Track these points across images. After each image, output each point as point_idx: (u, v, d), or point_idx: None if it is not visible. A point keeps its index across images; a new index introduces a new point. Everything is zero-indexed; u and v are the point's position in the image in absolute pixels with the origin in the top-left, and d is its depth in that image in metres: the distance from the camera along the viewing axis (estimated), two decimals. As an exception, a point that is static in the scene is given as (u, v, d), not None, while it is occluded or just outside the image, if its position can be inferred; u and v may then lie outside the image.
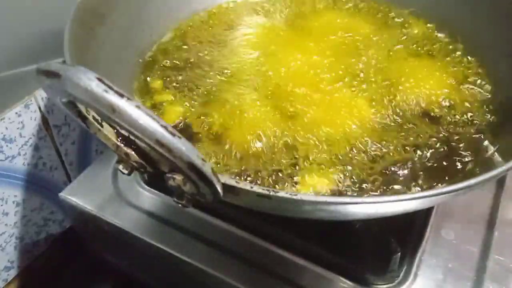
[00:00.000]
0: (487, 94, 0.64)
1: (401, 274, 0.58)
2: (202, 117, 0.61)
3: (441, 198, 0.45)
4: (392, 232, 0.58)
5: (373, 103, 0.63)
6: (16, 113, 0.71)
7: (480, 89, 0.65)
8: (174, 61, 0.71)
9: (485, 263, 0.59)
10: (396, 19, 0.78)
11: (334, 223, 0.51)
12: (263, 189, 0.39)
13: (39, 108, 0.74)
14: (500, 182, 0.69)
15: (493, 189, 0.68)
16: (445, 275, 0.58)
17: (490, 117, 0.61)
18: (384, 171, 0.54)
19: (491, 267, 0.59)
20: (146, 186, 0.70)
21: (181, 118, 0.62)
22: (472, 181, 0.41)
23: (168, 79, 0.68)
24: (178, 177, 0.37)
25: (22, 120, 0.72)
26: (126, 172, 0.41)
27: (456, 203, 0.65)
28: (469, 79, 0.66)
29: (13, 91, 0.70)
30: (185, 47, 0.74)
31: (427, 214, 0.64)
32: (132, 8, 0.70)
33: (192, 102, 0.64)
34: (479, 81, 0.66)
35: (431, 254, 0.60)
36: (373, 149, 0.57)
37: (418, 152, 0.56)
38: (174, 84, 0.67)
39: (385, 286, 0.57)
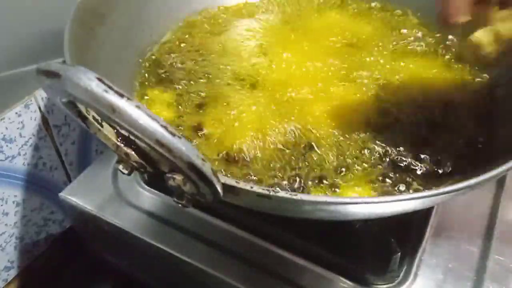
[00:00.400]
0: (487, 93, 0.64)
1: (401, 274, 0.58)
2: (200, 120, 0.62)
3: (440, 198, 0.45)
4: (392, 232, 0.58)
5: (377, 102, 0.63)
6: (16, 113, 0.71)
7: (480, 89, 0.65)
8: (174, 61, 0.71)
9: (485, 263, 0.59)
10: (397, 19, 0.78)
11: (334, 223, 0.51)
12: (263, 189, 0.39)
13: (39, 108, 0.74)
14: (500, 182, 0.68)
15: (493, 189, 0.68)
16: (445, 275, 0.58)
17: (489, 115, 0.61)
18: (399, 171, 0.55)
19: (491, 267, 0.59)
20: (146, 186, 0.70)
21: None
22: (472, 181, 0.41)
23: (167, 79, 0.68)
24: (178, 177, 0.37)
25: (22, 120, 0.72)
26: (126, 172, 0.41)
27: (456, 203, 0.65)
28: (468, 77, 0.67)
29: (13, 91, 0.70)
30: (185, 47, 0.74)
31: (427, 214, 0.64)
32: (132, 8, 0.70)
33: (190, 104, 0.64)
34: (478, 79, 0.66)
35: (431, 254, 0.60)
36: (382, 150, 0.57)
37: (425, 151, 0.57)
38: (173, 84, 0.67)
39: (385, 286, 0.57)
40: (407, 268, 0.59)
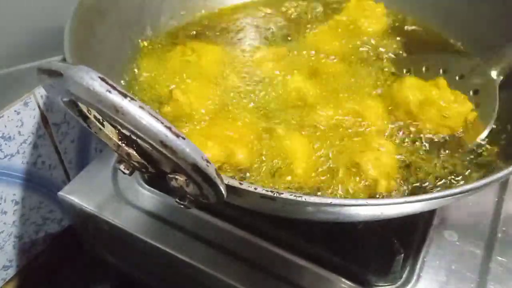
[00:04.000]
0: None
1: (404, 276, 0.58)
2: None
3: (444, 201, 0.44)
4: (395, 233, 0.58)
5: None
6: (15, 110, 0.70)
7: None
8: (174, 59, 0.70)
9: (488, 264, 0.59)
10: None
11: (337, 224, 0.51)
12: (267, 191, 0.38)
13: (38, 105, 0.74)
14: (503, 183, 0.68)
15: (496, 191, 0.68)
16: (448, 277, 0.58)
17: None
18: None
19: (494, 269, 0.58)
20: (146, 186, 0.69)
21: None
22: (477, 183, 0.41)
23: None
24: (181, 178, 0.36)
25: (21, 118, 0.71)
26: (127, 172, 0.41)
27: (459, 205, 0.65)
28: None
29: (12, 88, 0.70)
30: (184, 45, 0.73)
31: (430, 215, 0.64)
32: (132, 6, 0.69)
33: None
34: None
35: (434, 256, 0.60)
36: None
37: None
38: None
39: (387, 287, 0.57)
40: (410, 269, 0.59)
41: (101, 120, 0.39)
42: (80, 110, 0.37)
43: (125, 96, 0.30)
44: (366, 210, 0.42)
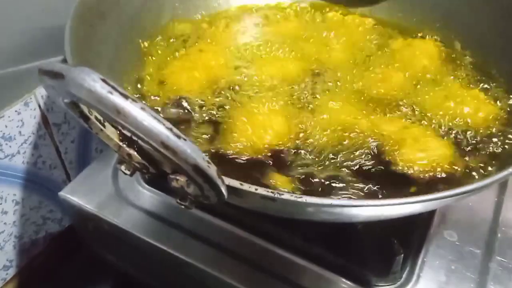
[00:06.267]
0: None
1: (404, 276, 0.58)
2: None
3: (445, 201, 0.44)
4: (395, 233, 0.58)
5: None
6: (16, 111, 0.70)
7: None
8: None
9: (488, 264, 0.59)
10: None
11: (337, 224, 0.51)
12: (268, 191, 0.38)
13: (39, 106, 0.74)
14: (503, 183, 0.69)
15: (496, 191, 0.68)
16: (448, 277, 0.58)
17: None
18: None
19: (494, 269, 0.58)
20: (146, 186, 0.69)
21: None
22: (477, 184, 0.41)
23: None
24: (182, 179, 0.36)
25: (22, 118, 0.71)
26: (128, 173, 0.41)
27: (459, 204, 0.65)
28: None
29: (12, 88, 0.70)
30: (185, 44, 0.74)
31: (430, 215, 0.64)
32: (133, 5, 0.69)
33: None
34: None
35: (434, 256, 0.60)
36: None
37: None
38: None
39: (387, 287, 0.57)
40: (409, 269, 0.59)
41: (102, 121, 0.39)
42: (81, 111, 0.37)
43: (126, 97, 0.30)
44: (366, 211, 0.42)
